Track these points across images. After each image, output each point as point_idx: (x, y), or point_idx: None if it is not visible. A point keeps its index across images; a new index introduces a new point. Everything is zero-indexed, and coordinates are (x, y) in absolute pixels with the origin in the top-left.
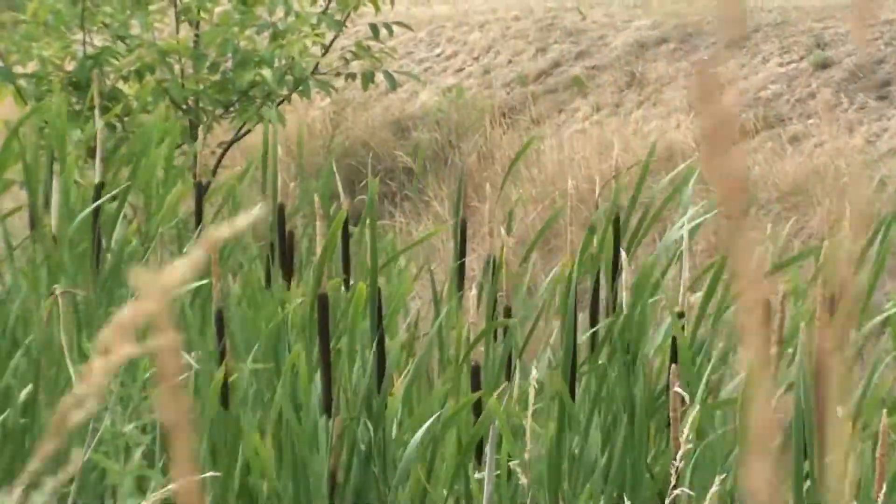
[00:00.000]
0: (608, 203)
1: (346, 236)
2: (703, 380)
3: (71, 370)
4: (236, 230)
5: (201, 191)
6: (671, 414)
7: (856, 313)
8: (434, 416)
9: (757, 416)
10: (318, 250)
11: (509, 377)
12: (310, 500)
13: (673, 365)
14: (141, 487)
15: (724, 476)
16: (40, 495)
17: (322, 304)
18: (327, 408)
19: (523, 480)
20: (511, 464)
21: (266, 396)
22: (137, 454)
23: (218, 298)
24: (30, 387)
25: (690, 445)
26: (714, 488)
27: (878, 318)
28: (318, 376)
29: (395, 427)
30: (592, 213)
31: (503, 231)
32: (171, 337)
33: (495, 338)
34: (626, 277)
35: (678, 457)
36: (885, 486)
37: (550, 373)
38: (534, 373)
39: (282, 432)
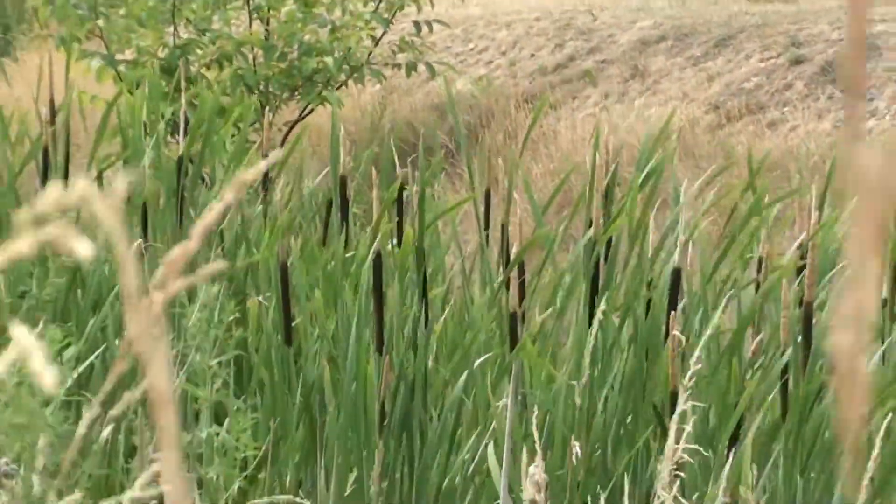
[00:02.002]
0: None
1: (400, 201)
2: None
3: None
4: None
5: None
6: (671, 353)
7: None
8: (477, 362)
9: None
10: (375, 213)
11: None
12: (364, 422)
13: (672, 312)
14: (218, 414)
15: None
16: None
17: (377, 257)
18: (379, 346)
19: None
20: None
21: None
22: (218, 383)
23: (283, 252)
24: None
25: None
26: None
27: None
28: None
29: (432, 362)
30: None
31: (516, 196)
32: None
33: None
34: (651, 237)
35: (680, 395)
36: None
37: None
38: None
39: (339, 365)
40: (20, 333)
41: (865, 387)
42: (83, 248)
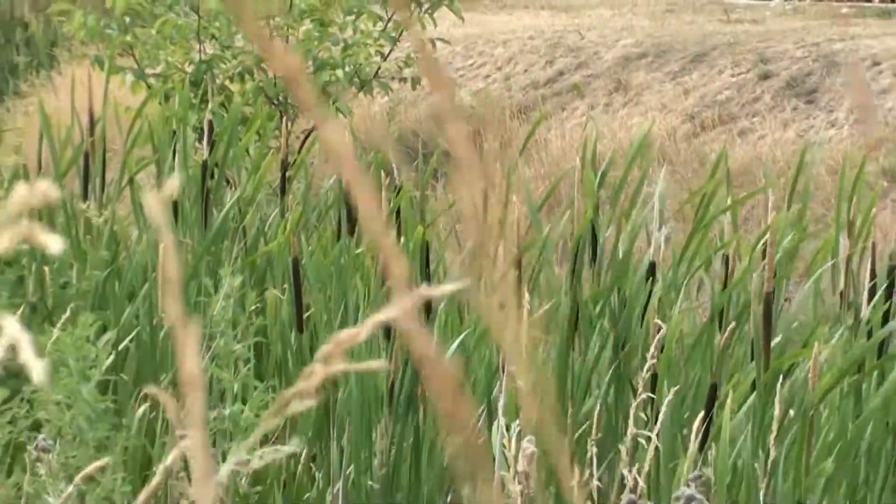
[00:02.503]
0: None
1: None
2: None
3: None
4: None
5: (286, 166)
6: (651, 332)
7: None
8: (465, 333)
9: None
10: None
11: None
12: (372, 402)
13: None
14: (244, 395)
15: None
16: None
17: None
18: (386, 333)
19: (520, 384)
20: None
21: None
22: (244, 369)
23: (295, 247)
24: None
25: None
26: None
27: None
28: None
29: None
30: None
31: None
32: None
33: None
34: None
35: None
36: None
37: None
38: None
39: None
40: (9, 324)
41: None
42: (53, 243)
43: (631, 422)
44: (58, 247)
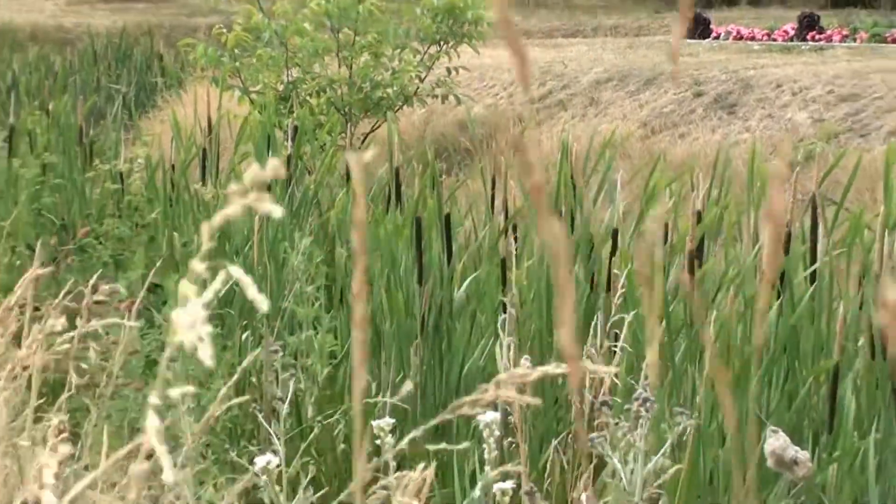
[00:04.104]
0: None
1: (438, 184)
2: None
3: (269, 263)
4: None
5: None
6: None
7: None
8: (472, 277)
9: None
10: (416, 192)
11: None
12: (409, 328)
13: (613, 257)
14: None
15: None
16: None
17: (418, 221)
18: (419, 279)
19: (511, 311)
20: (504, 299)
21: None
22: (315, 305)
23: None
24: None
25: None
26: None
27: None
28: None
29: (456, 290)
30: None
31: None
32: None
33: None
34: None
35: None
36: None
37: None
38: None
39: (394, 290)
40: (236, 271)
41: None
42: (275, 211)
43: (599, 338)
44: (279, 214)
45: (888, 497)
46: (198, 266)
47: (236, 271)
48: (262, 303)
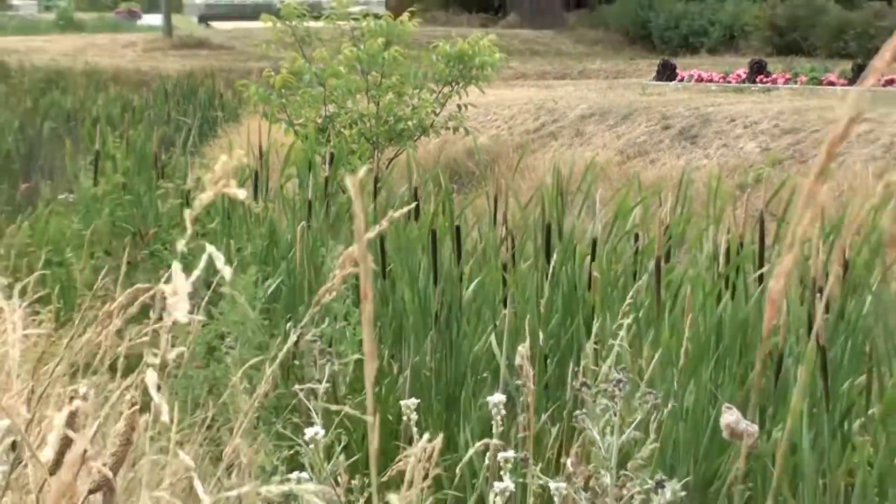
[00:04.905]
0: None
1: (450, 201)
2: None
3: (308, 266)
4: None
5: (377, 179)
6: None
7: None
8: (477, 279)
9: None
10: (432, 208)
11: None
12: (425, 321)
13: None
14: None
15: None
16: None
17: (433, 232)
18: (434, 280)
19: (510, 311)
20: (505, 311)
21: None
22: (347, 300)
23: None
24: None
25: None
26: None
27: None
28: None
29: (465, 290)
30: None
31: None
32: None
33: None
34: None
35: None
36: None
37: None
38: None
39: (414, 290)
40: (211, 248)
41: None
42: (241, 194)
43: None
44: (243, 196)
45: (822, 463)
46: (180, 245)
47: (211, 248)
48: (227, 272)
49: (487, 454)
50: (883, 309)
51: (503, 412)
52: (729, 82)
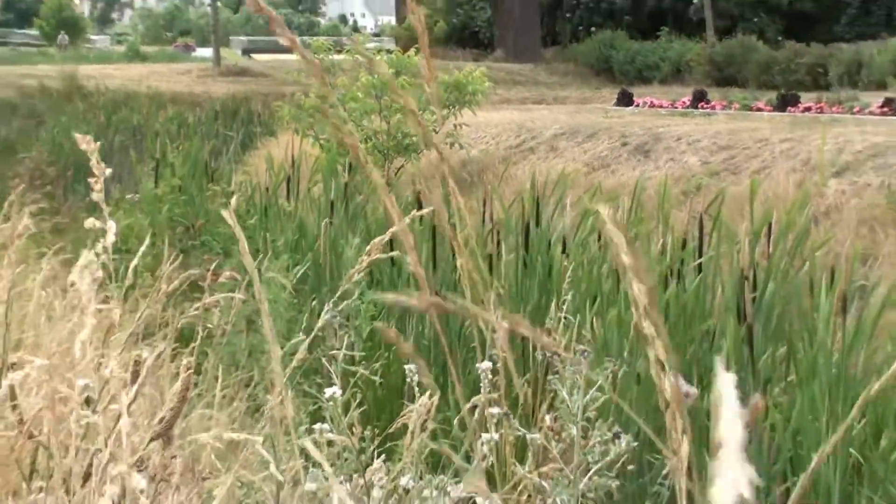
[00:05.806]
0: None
1: (447, 203)
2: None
3: (330, 254)
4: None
5: (388, 184)
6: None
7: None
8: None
9: None
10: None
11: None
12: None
13: (562, 254)
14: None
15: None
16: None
17: (434, 230)
18: (434, 265)
19: (496, 295)
20: (490, 294)
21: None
22: (363, 283)
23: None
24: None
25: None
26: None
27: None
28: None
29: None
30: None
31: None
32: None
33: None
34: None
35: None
36: None
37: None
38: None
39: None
40: (110, 225)
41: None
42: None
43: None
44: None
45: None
46: (88, 222)
47: (110, 225)
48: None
49: (476, 411)
50: (797, 293)
51: (490, 377)
52: (676, 108)
